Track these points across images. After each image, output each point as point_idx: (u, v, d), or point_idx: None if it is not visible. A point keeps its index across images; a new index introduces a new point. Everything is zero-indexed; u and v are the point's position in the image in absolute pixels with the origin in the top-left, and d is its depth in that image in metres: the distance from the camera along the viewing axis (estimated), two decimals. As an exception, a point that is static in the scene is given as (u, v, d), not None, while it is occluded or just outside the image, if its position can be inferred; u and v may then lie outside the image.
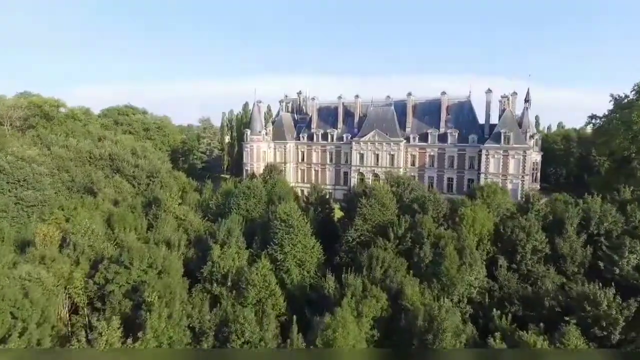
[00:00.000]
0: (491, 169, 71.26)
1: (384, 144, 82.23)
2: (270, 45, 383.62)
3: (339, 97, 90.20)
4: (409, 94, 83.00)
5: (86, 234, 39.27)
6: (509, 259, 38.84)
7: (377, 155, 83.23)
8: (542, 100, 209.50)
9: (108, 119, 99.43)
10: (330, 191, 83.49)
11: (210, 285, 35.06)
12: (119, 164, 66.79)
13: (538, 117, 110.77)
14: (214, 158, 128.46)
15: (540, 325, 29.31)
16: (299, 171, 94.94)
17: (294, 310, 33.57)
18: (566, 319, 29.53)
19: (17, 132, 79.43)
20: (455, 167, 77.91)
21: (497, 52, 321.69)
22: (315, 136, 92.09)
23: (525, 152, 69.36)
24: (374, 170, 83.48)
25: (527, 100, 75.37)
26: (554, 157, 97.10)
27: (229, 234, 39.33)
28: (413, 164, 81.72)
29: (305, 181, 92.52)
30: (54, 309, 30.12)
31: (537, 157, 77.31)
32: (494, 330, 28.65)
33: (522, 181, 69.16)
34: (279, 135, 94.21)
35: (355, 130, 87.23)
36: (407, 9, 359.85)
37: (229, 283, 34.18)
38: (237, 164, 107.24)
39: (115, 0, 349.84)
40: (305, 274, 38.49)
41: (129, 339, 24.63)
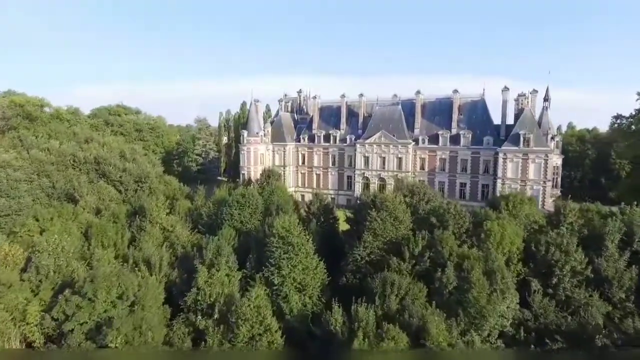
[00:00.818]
0: (509, 174, 65.70)
1: (390, 146, 76.65)
2: (270, 45, 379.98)
3: (342, 96, 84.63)
4: (418, 92, 77.45)
5: (54, 253, 33.99)
6: (543, 282, 33.42)
7: (384, 158, 77.62)
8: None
9: (98, 120, 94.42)
10: (332, 196, 78.20)
11: (194, 316, 29.81)
12: (105, 168, 61.74)
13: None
14: (211, 160, 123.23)
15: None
16: (300, 175, 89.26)
17: (293, 344, 28.96)
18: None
19: (-3, 133, 74.24)
20: (468, 171, 72.40)
21: (498, 52, 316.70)
22: (316, 137, 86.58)
23: (547, 155, 63.92)
24: (380, 175, 78.01)
25: (547, 100, 69.92)
26: (567, 160, 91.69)
27: (218, 253, 33.96)
28: (422, 167, 76.27)
29: (306, 186, 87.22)
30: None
31: (558, 161, 71.76)
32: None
33: (544, 187, 63.64)
34: (278, 136, 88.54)
35: (360, 131, 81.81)
36: (407, 9, 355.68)
37: (215, 315, 28.85)
38: (234, 166, 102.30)
39: (115, 0, 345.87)
40: (306, 300, 33.06)
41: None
